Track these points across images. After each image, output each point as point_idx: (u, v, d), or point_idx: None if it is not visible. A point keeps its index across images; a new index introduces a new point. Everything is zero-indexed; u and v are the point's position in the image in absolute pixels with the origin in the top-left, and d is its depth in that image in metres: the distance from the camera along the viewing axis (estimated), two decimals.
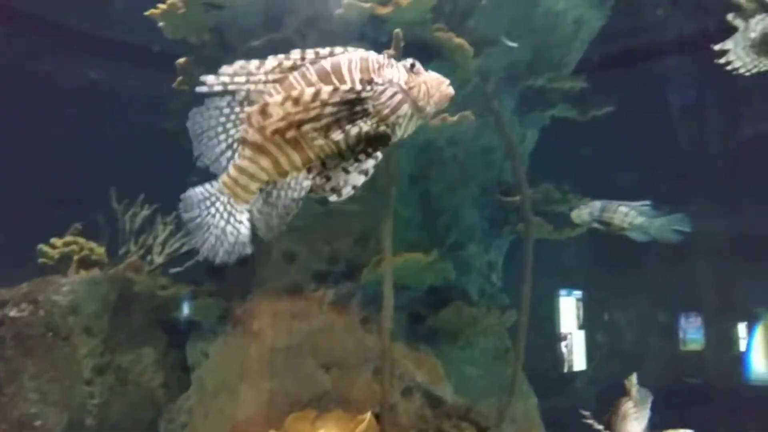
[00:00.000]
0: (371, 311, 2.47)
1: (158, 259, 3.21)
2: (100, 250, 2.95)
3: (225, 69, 0.93)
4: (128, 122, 3.42)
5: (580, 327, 5.40)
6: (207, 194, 1.01)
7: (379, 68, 0.96)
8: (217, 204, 1.00)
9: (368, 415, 2.10)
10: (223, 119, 0.98)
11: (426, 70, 0.99)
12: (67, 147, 3.52)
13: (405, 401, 2.47)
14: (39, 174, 3.43)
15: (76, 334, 2.74)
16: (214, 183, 1.00)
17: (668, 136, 3.92)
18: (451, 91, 0.99)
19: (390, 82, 0.96)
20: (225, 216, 1.01)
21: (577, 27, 2.89)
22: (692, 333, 5.10)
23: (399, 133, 0.99)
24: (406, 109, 0.96)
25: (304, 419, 2.15)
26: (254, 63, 0.95)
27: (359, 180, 0.96)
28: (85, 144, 3.49)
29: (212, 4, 2.54)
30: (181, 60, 2.84)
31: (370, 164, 0.96)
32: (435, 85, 0.98)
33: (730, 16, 1.90)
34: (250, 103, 0.95)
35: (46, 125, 3.54)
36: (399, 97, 0.96)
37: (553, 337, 5.27)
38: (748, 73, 1.83)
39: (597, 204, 2.43)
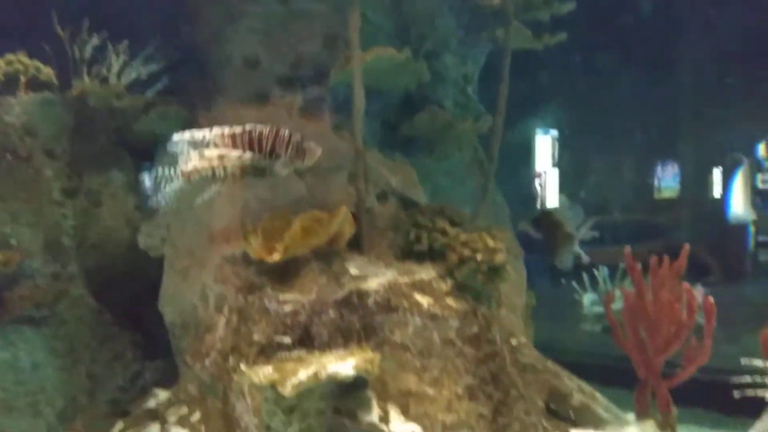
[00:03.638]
0: (343, 117, 2.39)
1: None
2: (47, 70, 2.76)
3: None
4: None
5: (555, 165, 5.46)
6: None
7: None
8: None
9: (344, 208, 2.11)
10: None
11: None
12: None
13: (380, 205, 2.48)
14: None
15: (36, 156, 2.64)
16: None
17: None
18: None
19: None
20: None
21: None
22: (668, 181, 5.20)
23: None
24: None
25: (280, 218, 2.15)
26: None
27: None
28: None
29: None
30: None
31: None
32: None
33: None
34: None
35: None
36: None
37: (527, 174, 5.33)
38: None
39: None
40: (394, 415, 1.86)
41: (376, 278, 2.11)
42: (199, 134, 1.68)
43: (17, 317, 2.45)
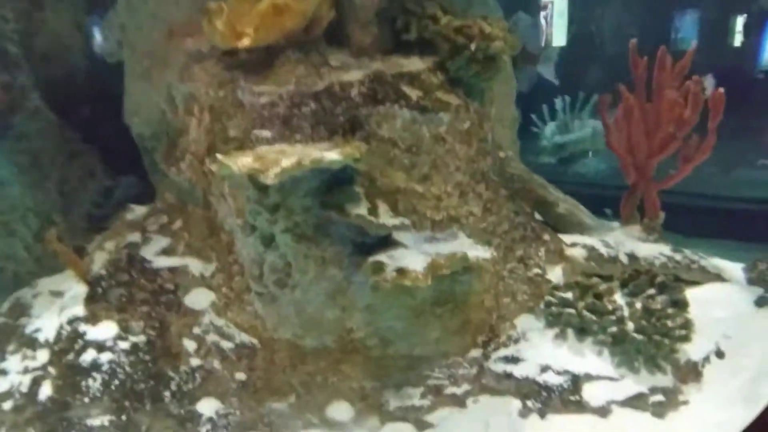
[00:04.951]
0: None
1: None
2: None
3: None
4: None
5: None
6: None
7: None
8: None
9: None
10: None
11: None
12: None
13: None
14: None
15: None
16: None
17: None
18: None
19: None
20: None
21: None
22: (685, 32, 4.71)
23: None
24: None
25: (247, 0, 1.87)
26: None
27: None
28: None
29: None
30: None
31: None
32: None
33: None
34: None
35: None
36: None
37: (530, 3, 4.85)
38: None
39: None
40: (383, 210, 1.79)
41: (359, 70, 1.91)
42: None
43: None
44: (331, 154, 1.57)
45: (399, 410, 1.73)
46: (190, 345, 1.79)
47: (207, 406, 1.68)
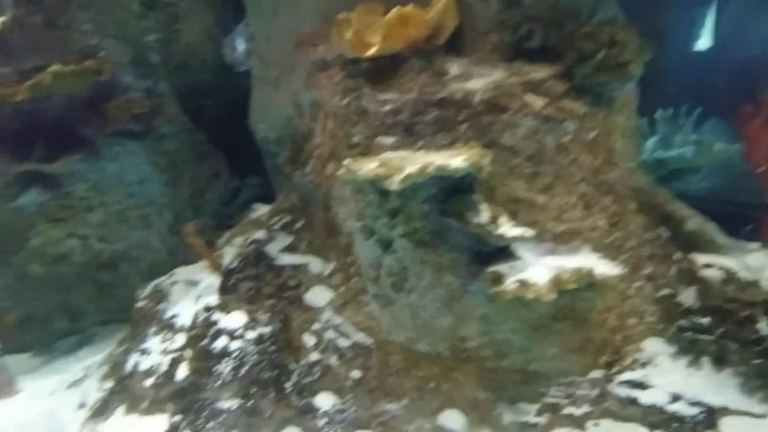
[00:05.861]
0: None
1: None
2: None
3: None
4: None
5: None
6: None
7: None
8: None
9: None
10: None
11: None
12: None
13: (480, 3, 2.17)
14: None
15: None
16: None
17: None
18: None
19: None
20: None
21: None
22: None
23: None
24: None
25: (374, 11, 1.92)
26: None
27: None
28: None
29: None
30: None
31: None
32: None
33: None
34: None
35: None
36: None
37: None
38: None
39: None
40: (503, 220, 1.75)
41: (482, 78, 1.89)
42: None
43: (119, 130, 2.49)
44: (456, 162, 1.57)
45: (513, 425, 1.69)
46: (309, 340, 1.86)
47: (324, 400, 1.73)
